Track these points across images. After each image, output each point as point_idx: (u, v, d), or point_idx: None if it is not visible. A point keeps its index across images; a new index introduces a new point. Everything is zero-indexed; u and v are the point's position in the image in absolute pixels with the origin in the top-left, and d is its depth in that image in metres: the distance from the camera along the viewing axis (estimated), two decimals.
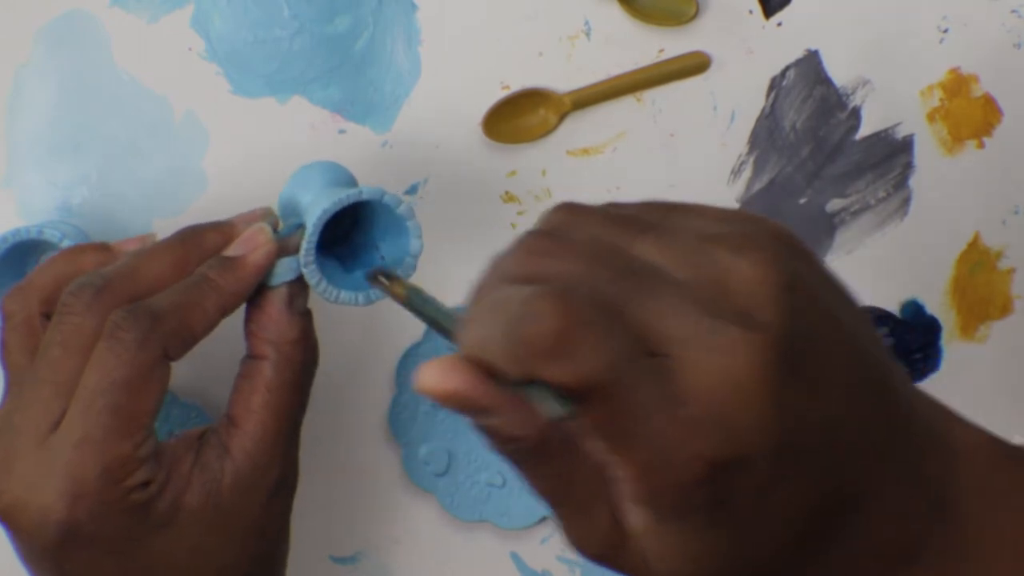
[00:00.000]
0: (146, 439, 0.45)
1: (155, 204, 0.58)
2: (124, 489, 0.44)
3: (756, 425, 0.33)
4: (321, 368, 0.59)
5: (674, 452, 0.33)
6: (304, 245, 0.47)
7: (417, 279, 0.59)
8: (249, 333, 0.48)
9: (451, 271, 0.60)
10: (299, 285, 0.48)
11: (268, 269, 0.48)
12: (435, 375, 0.34)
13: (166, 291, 0.46)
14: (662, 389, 0.33)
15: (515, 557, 0.61)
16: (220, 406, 0.50)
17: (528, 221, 0.60)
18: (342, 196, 0.48)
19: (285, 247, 0.48)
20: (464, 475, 0.60)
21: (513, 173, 0.60)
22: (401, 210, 0.49)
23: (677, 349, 0.33)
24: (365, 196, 0.48)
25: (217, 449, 0.47)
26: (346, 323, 0.59)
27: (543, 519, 0.60)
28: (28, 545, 0.45)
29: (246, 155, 0.58)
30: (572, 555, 0.61)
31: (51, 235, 0.53)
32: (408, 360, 0.59)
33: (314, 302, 0.50)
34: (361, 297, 0.49)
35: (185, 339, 0.46)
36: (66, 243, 0.53)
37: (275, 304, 0.48)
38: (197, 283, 0.46)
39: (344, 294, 0.48)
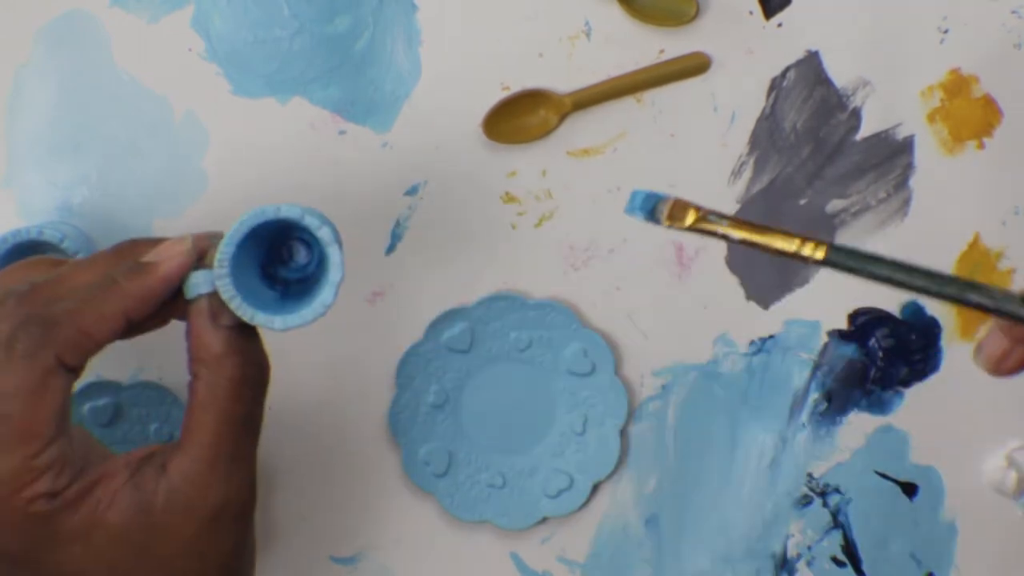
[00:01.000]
0: (46, 447, 0.43)
1: (155, 204, 0.58)
2: (24, 499, 0.43)
3: None
4: (321, 369, 0.59)
5: None
6: (218, 256, 0.45)
7: (418, 279, 0.59)
8: (188, 354, 0.46)
9: (451, 271, 0.60)
10: (219, 299, 0.46)
11: (180, 278, 0.46)
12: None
13: (73, 297, 0.45)
14: None
15: (515, 557, 0.61)
16: None
17: (528, 221, 0.60)
18: (258, 210, 0.45)
19: (209, 261, 0.46)
20: (464, 475, 0.60)
21: (513, 173, 0.60)
22: (321, 234, 0.46)
23: None
24: (283, 213, 0.45)
25: (156, 468, 0.45)
26: (346, 324, 0.59)
27: (543, 519, 0.60)
28: None
29: (246, 155, 0.58)
30: (572, 555, 0.61)
31: (51, 235, 0.53)
32: (408, 360, 0.59)
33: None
34: (277, 321, 0.46)
35: (82, 345, 0.44)
36: (66, 243, 0.53)
37: (197, 318, 0.46)
38: (101, 286, 0.45)
39: (259, 315, 0.45)
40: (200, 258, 0.46)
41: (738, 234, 0.43)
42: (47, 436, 0.43)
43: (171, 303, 0.46)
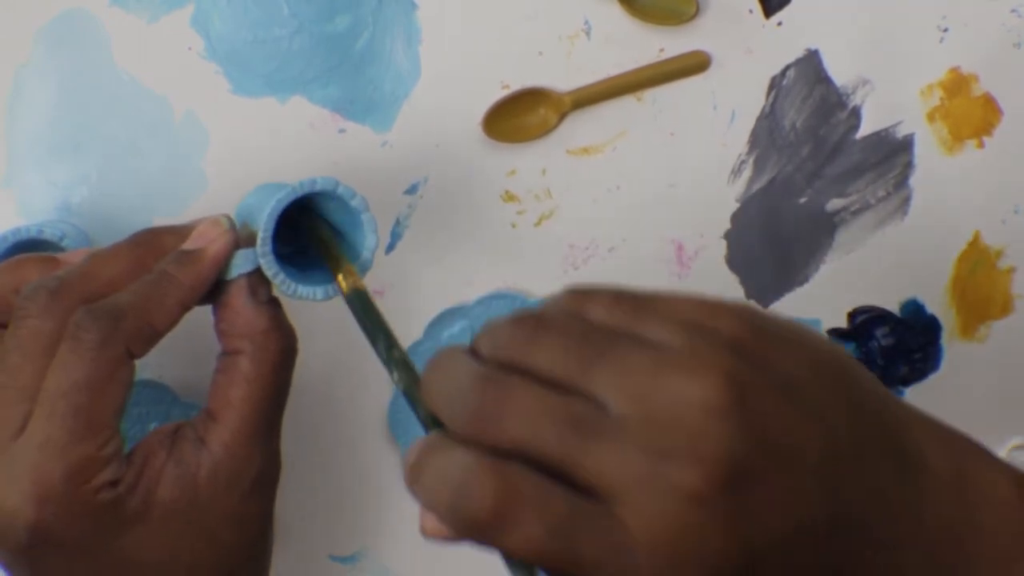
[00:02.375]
0: (111, 438, 0.44)
1: (155, 204, 0.58)
2: (90, 489, 0.44)
3: (710, 562, 0.34)
4: (321, 368, 0.59)
5: None
6: (260, 234, 0.47)
7: (417, 278, 0.59)
8: (220, 332, 0.48)
9: (451, 270, 0.60)
10: (258, 276, 0.48)
11: (226, 260, 0.47)
12: (430, 525, 0.38)
13: (126, 289, 0.46)
14: (611, 540, 0.34)
15: None
16: None
17: (528, 220, 0.60)
18: (295, 185, 0.47)
19: (241, 241, 0.48)
20: None
21: (513, 172, 0.60)
22: (355, 203, 0.48)
23: (619, 493, 0.34)
24: (319, 186, 0.47)
25: (193, 443, 0.46)
26: (346, 323, 0.59)
27: None
28: (1, 549, 0.45)
29: (246, 155, 0.58)
30: None
31: (51, 234, 0.53)
32: None
33: (311, 305, 0.50)
34: (320, 292, 0.48)
35: (147, 336, 0.45)
36: (66, 243, 0.53)
37: (238, 297, 0.47)
38: (156, 279, 0.46)
39: (302, 288, 0.47)
40: None
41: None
42: (114, 426, 0.45)
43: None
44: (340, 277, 0.47)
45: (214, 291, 0.48)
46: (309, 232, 0.49)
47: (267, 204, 0.48)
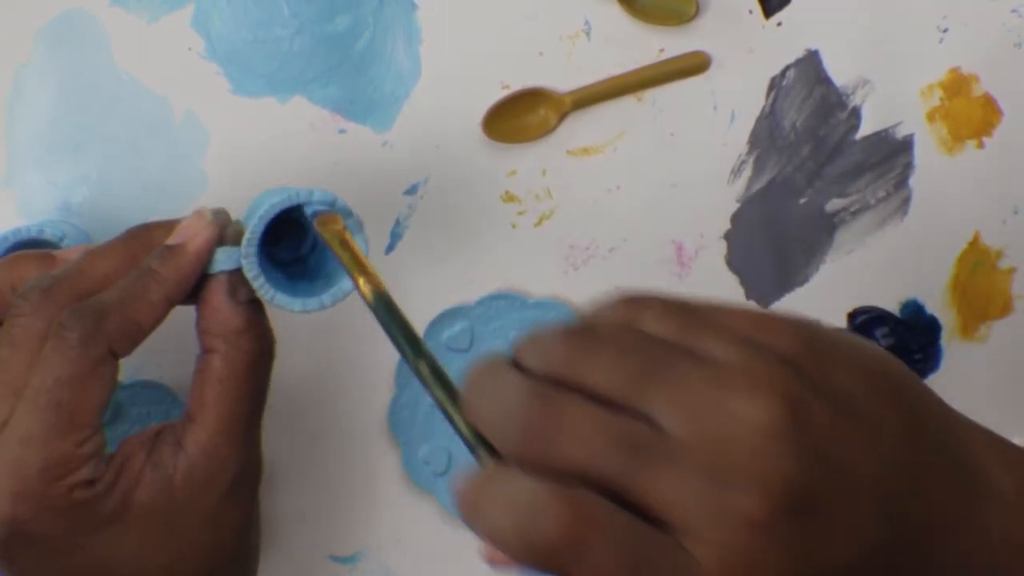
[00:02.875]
0: (90, 437, 0.44)
1: (155, 204, 0.58)
2: (66, 487, 0.44)
3: None
4: (321, 368, 0.59)
5: None
6: (247, 235, 0.46)
7: (417, 278, 0.59)
8: (199, 329, 0.47)
9: (451, 271, 0.60)
10: (240, 275, 0.47)
11: (209, 254, 0.47)
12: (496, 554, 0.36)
13: (112, 288, 0.46)
14: (677, 568, 0.33)
15: None
16: None
17: (528, 220, 0.60)
18: (292, 192, 0.47)
19: (227, 238, 0.48)
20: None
21: (513, 173, 0.60)
22: (349, 223, 0.47)
23: (685, 523, 0.33)
24: (316, 197, 0.47)
25: (171, 445, 0.46)
26: (346, 323, 0.59)
27: None
28: None
29: (246, 155, 0.58)
30: None
31: (51, 234, 0.53)
32: None
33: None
34: (298, 303, 0.47)
35: (132, 334, 0.45)
36: (66, 242, 0.53)
37: (217, 295, 0.47)
38: (140, 276, 0.46)
39: (279, 296, 0.47)
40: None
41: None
42: (94, 425, 0.45)
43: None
44: (361, 281, 0.46)
45: (198, 287, 0.48)
46: (323, 231, 0.48)
47: (261, 206, 0.48)
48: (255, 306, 0.47)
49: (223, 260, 0.47)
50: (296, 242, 0.50)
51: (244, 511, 0.48)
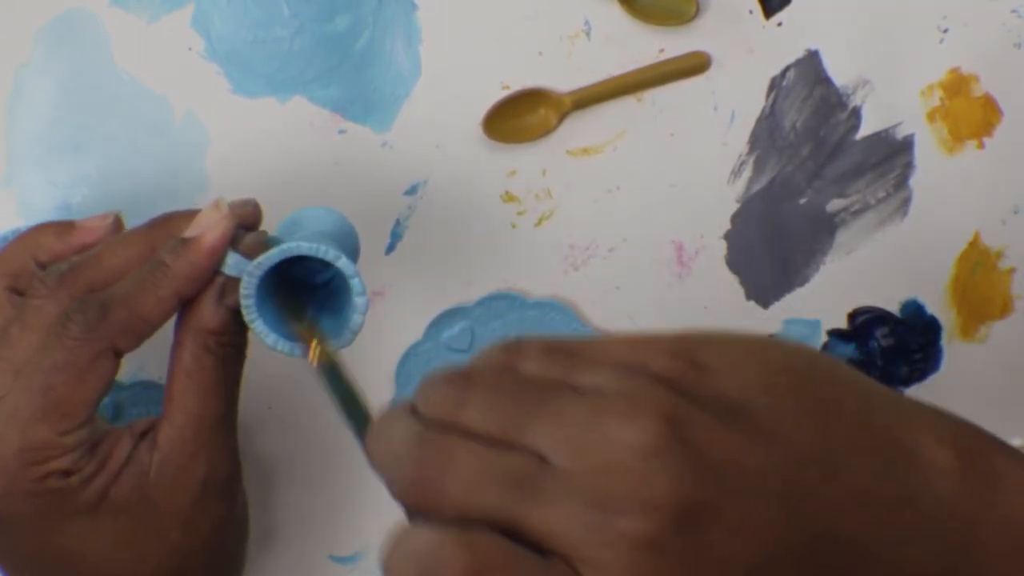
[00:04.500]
0: (77, 428, 0.44)
1: (155, 204, 0.57)
2: (41, 472, 0.44)
3: None
4: None
5: None
6: (259, 260, 0.46)
7: (417, 278, 0.59)
8: (177, 317, 0.47)
9: (451, 271, 0.60)
10: (235, 281, 0.47)
11: (224, 247, 0.46)
12: None
13: (124, 280, 0.46)
14: None
15: None
16: None
17: (528, 220, 0.60)
18: (308, 245, 0.46)
19: (244, 246, 0.47)
20: None
21: (513, 173, 0.60)
22: (353, 283, 0.47)
23: (576, 552, 0.33)
24: (341, 264, 0.46)
25: (149, 441, 0.46)
26: None
27: None
28: None
29: (246, 155, 0.58)
30: None
31: None
32: (408, 360, 0.59)
33: None
34: (271, 339, 0.47)
35: (136, 329, 0.45)
36: None
37: (206, 292, 0.47)
38: (151, 269, 0.46)
39: (259, 324, 0.46)
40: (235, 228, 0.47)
41: None
42: (82, 417, 0.45)
43: None
44: (313, 344, 0.45)
45: None
46: (286, 302, 0.48)
47: (306, 228, 0.48)
48: (236, 312, 0.47)
49: (230, 265, 0.47)
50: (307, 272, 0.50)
51: (221, 513, 0.48)
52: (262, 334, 0.46)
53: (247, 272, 0.46)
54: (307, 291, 0.50)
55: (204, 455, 0.47)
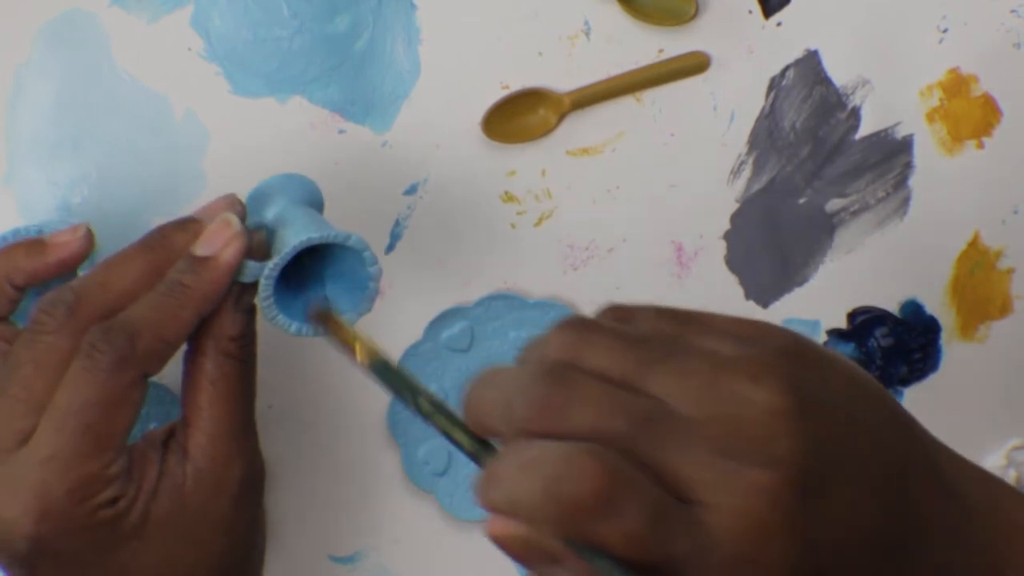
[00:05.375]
0: (117, 458, 0.44)
1: (155, 203, 0.58)
2: (92, 507, 0.44)
3: (785, 560, 0.34)
4: (320, 368, 0.59)
5: None
6: (275, 260, 0.46)
7: (417, 278, 0.59)
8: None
9: (450, 271, 0.60)
10: (248, 286, 0.47)
11: (239, 264, 0.47)
12: (505, 523, 0.35)
13: (141, 303, 0.45)
14: (695, 536, 0.34)
15: None
16: None
17: (528, 220, 0.60)
18: (331, 233, 0.47)
19: (251, 250, 0.48)
20: (464, 475, 0.60)
21: (513, 173, 0.60)
22: (372, 270, 0.48)
23: (700, 492, 0.34)
24: (352, 242, 0.47)
25: (177, 453, 0.46)
26: None
27: None
28: (0, 555, 0.45)
29: (246, 155, 0.58)
30: None
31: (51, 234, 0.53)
32: (407, 360, 0.59)
33: None
34: (294, 326, 0.48)
35: (162, 354, 0.45)
36: None
37: (224, 300, 0.47)
38: (170, 291, 0.45)
39: (281, 316, 0.47)
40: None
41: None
42: (121, 446, 0.44)
43: None
44: (357, 347, 0.46)
45: None
46: (317, 310, 0.48)
47: (281, 219, 0.48)
48: (251, 314, 0.48)
49: (245, 274, 0.47)
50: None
51: (254, 511, 0.49)
52: (285, 325, 0.47)
53: (265, 276, 0.46)
54: (303, 268, 0.50)
55: (237, 459, 0.47)
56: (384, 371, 0.44)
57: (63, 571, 0.45)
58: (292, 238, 0.47)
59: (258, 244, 0.48)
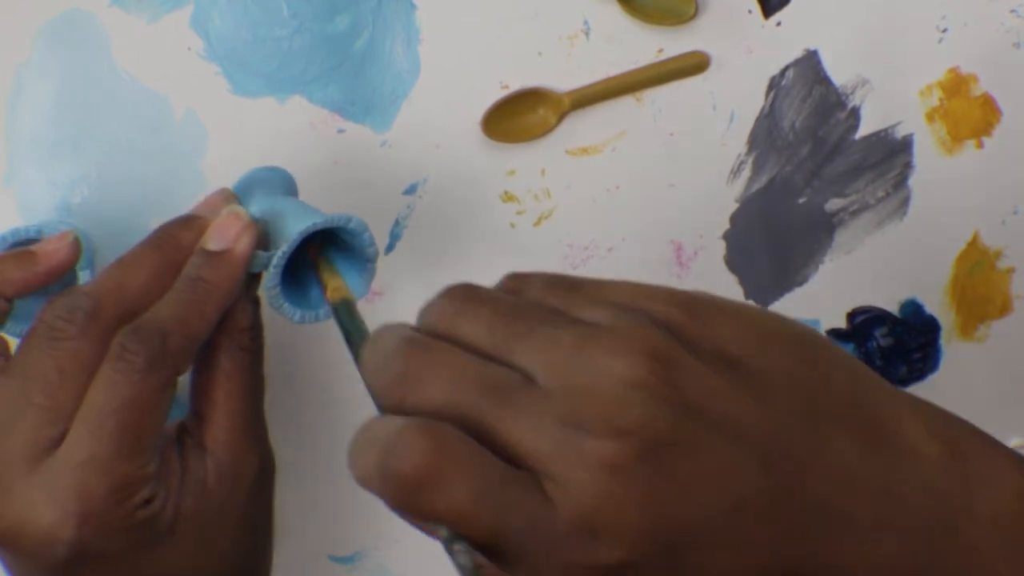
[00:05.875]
0: (152, 458, 0.44)
1: (155, 204, 0.58)
2: (131, 507, 0.44)
3: (630, 533, 0.34)
4: (320, 368, 0.59)
5: (562, 571, 0.34)
6: (283, 248, 0.47)
7: (417, 278, 0.59)
8: None
9: (450, 271, 0.60)
10: (256, 276, 0.48)
11: (252, 255, 0.47)
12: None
13: (165, 302, 0.45)
14: (534, 509, 0.34)
15: None
16: None
17: (527, 220, 0.60)
18: (332, 217, 0.48)
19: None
20: None
21: (512, 173, 0.60)
22: (370, 251, 0.49)
23: (543, 465, 0.34)
24: (352, 224, 0.48)
25: (195, 448, 0.47)
26: None
27: None
28: (32, 566, 0.44)
29: (246, 155, 0.58)
30: None
31: (50, 234, 0.53)
32: None
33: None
34: (297, 314, 0.48)
35: (191, 351, 0.46)
36: None
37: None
38: (193, 288, 0.46)
39: (287, 306, 0.48)
40: None
41: None
42: (155, 446, 0.45)
43: None
44: (329, 285, 0.47)
45: None
46: (315, 252, 0.49)
47: (258, 192, 0.49)
48: (257, 304, 0.48)
49: (254, 265, 0.48)
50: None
51: (268, 501, 0.49)
52: (290, 313, 0.48)
53: (273, 265, 0.47)
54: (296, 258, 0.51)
55: (253, 451, 0.47)
56: (345, 313, 0.45)
57: (102, 571, 0.45)
58: (294, 225, 0.47)
59: (260, 235, 0.48)
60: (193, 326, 0.45)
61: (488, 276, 0.60)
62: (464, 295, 0.38)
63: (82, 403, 0.44)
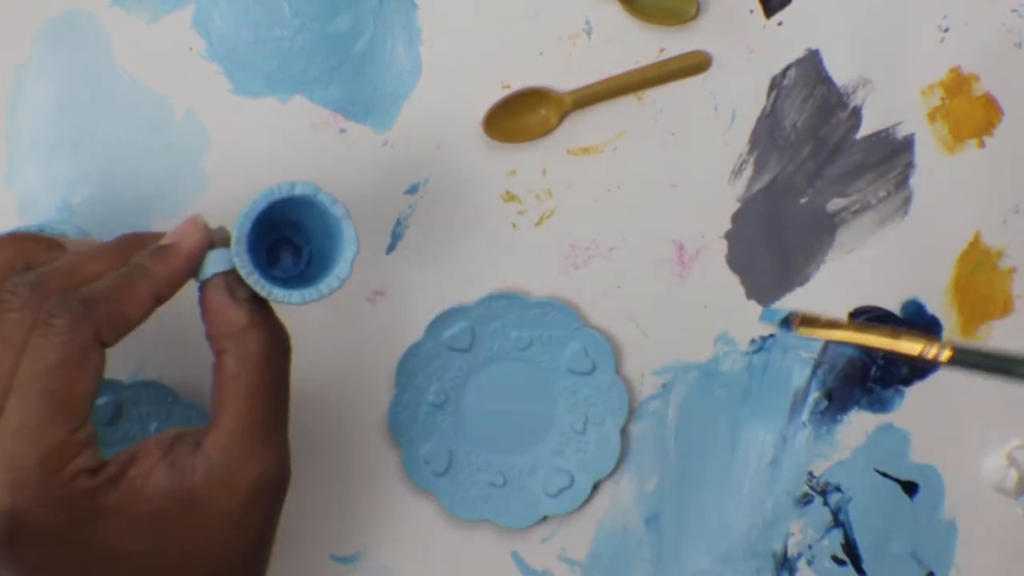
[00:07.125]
0: (83, 424, 0.44)
1: (155, 203, 0.58)
2: (66, 475, 0.44)
3: None
4: (321, 369, 0.59)
5: None
6: (235, 233, 0.47)
7: (418, 278, 0.59)
8: (208, 336, 0.48)
9: (451, 270, 0.60)
10: (236, 275, 0.47)
11: (200, 256, 0.47)
12: None
13: (102, 280, 0.46)
14: None
15: (516, 556, 0.61)
16: None
17: (529, 220, 0.60)
18: (274, 188, 0.47)
19: (217, 243, 0.48)
20: (464, 475, 0.60)
21: (514, 172, 0.60)
22: (336, 210, 0.48)
23: None
24: (298, 191, 0.47)
25: (189, 445, 0.46)
26: (346, 323, 0.59)
27: (544, 518, 0.60)
28: None
29: (246, 155, 0.58)
30: (573, 554, 0.61)
31: (51, 233, 0.53)
32: (408, 359, 0.59)
33: (310, 308, 0.50)
34: (296, 296, 0.47)
35: (118, 324, 0.45)
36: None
37: (215, 296, 0.47)
38: (130, 270, 0.46)
39: (276, 290, 0.47)
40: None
41: (865, 340, 0.48)
42: (85, 411, 0.45)
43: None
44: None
45: (200, 296, 0.48)
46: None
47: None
48: (257, 303, 0.48)
49: (216, 262, 0.47)
50: (295, 259, 0.51)
51: (268, 514, 0.48)
52: (282, 296, 0.47)
53: (235, 253, 0.47)
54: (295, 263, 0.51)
55: (257, 456, 0.47)
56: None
57: (44, 549, 0.44)
58: (243, 216, 0.47)
59: (223, 238, 0.48)
60: (120, 303, 0.45)
61: (490, 275, 0.60)
62: None
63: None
